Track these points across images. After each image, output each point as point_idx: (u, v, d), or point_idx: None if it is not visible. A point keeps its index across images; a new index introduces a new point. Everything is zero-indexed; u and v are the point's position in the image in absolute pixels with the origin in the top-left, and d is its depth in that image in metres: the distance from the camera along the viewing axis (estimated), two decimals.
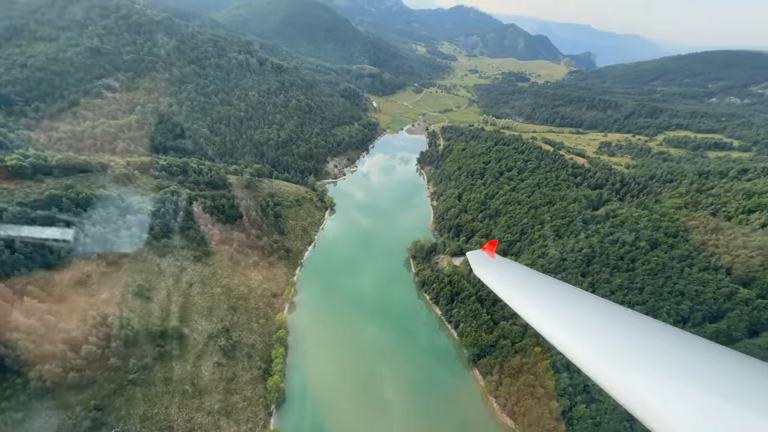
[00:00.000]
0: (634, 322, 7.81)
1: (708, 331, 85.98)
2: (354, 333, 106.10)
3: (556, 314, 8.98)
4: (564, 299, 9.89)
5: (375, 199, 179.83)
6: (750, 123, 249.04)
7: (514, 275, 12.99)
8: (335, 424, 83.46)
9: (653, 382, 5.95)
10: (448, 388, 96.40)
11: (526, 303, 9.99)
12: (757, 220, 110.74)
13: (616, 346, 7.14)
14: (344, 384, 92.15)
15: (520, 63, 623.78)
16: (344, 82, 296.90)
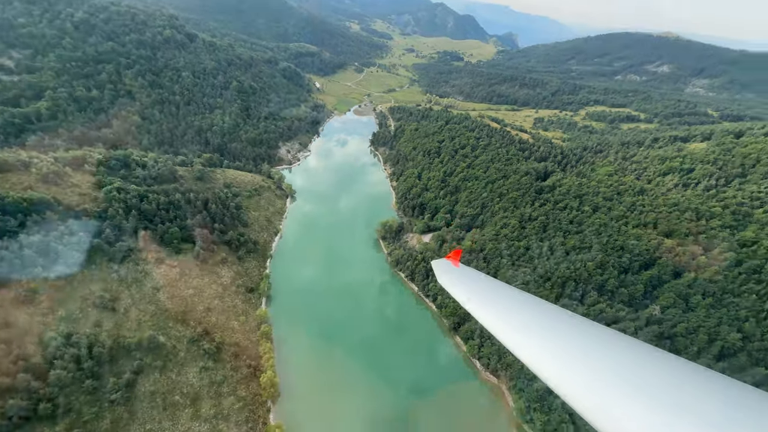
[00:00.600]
0: (594, 332, 7.87)
1: (644, 278, 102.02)
2: (335, 317, 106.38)
3: (518, 325, 9.08)
4: (526, 310, 9.96)
5: (334, 183, 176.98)
6: (650, 98, 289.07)
7: (477, 285, 12.99)
8: (333, 409, 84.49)
9: (611, 391, 6.05)
10: (432, 356, 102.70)
11: (489, 313, 10.13)
12: (671, 182, 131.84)
13: (575, 355, 7.22)
14: (335, 368, 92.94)
15: (452, 42, 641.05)
16: (283, 62, 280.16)
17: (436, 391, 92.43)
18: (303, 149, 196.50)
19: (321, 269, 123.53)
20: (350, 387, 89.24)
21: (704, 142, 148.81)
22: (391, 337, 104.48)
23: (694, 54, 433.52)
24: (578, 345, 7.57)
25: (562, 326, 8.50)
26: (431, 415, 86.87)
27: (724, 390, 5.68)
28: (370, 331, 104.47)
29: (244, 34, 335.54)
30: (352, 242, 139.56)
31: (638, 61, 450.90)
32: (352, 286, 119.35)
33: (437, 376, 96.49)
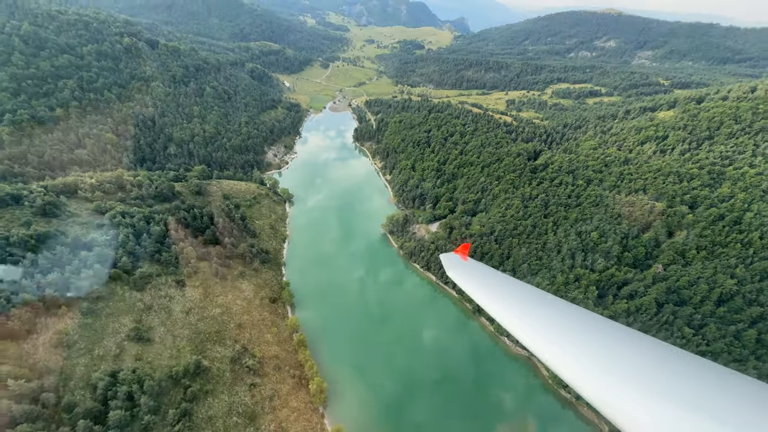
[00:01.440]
0: (600, 326, 8.20)
1: (643, 240, 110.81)
2: (361, 315, 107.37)
3: (526, 317, 9.42)
4: (533, 302, 10.33)
5: (327, 182, 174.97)
6: (606, 72, 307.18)
7: (485, 278, 13.26)
8: (381, 403, 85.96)
9: (617, 382, 6.28)
10: (459, 338, 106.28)
11: (498, 305, 10.43)
12: (650, 149, 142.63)
13: (582, 348, 7.54)
14: (373, 364, 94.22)
15: (408, 30, 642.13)
16: (249, 63, 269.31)
17: (471, 369, 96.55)
18: (289, 151, 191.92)
19: (336, 270, 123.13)
20: (392, 378, 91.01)
21: (671, 110, 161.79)
22: (418, 326, 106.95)
23: (636, 28, 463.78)
24: (586, 337, 7.86)
25: (569, 320, 8.76)
26: (471, 390, 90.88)
27: (737, 385, 5.72)
28: (399, 324, 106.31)
29: (199, 35, 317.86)
30: (359, 240, 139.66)
31: (587, 37, 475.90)
32: (370, 283, 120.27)
33: (469, 355, 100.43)
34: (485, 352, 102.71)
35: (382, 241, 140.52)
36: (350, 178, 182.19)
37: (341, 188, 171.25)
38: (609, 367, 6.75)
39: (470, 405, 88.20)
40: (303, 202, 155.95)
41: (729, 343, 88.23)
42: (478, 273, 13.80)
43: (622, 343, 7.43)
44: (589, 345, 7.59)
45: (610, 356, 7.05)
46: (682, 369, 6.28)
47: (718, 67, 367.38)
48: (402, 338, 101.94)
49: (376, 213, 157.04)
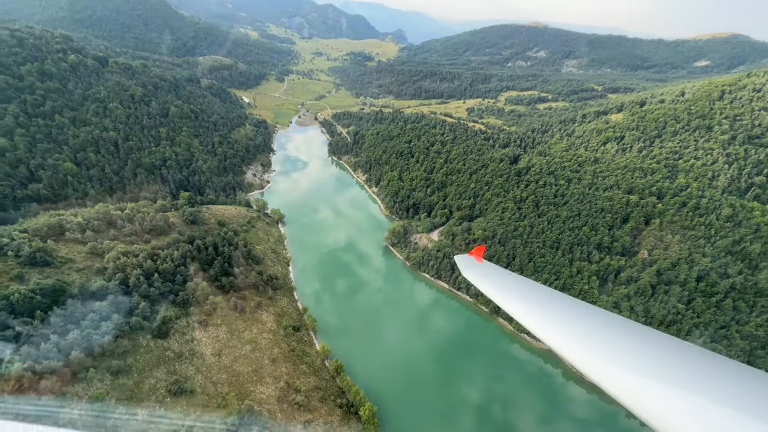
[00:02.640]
0: (615, 323, 8.66)
1: (626, 230, 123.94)
2: (385, 329, 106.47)
3: (544, 315, 9.93)
4: (548, 301, 10.89)
5: (313, 199, 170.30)
6: (547, 80, 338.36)
7: (500, 279, 13.85)
8: (431, 418, 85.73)
9: (639, 378, 6.56)
10: (481, 339, 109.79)
11: (514, 304, 10.98)
12: (612, 149, 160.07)
13: (599, 344, 7.96)
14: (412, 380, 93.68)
15: (352, 43, 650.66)
16: (204, 78, 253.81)
17: (499, 366, 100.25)
18: (267, 170, 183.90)
19: (347, 288, 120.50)
20: (433, 390, 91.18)
21: (620, 113, 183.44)
22: (442, 333, 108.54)
23: (561, 40, 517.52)
24: (602, 333, 8.39)
25: (585, 317, 9.33)
26: (505, 386, 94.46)
27: (750, 379, 6.04)
28: (423, 334, 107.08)
29: (140, 50, 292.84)
30: (362, 255, 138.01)
31: (521, 48, 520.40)
32: (384, 298, 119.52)
33: (492, 354, 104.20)
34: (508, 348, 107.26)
35: (385, 253, 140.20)
36: (335, 192, 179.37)
37: (329, 204, 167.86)
38: (615, 356, 7.30)
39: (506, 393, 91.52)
40: (295, 221, 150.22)
41: (713, 313, 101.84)
42: (492, 274, 14.28)
43: (627, 335, 8.03)
44: (597, 337, 8.19)
45: (617, 346, 7.66)
46: (692, 360, 6.70)
47: (632, 73, 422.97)
48: (430, 347, 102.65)
49: (371, 226, 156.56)
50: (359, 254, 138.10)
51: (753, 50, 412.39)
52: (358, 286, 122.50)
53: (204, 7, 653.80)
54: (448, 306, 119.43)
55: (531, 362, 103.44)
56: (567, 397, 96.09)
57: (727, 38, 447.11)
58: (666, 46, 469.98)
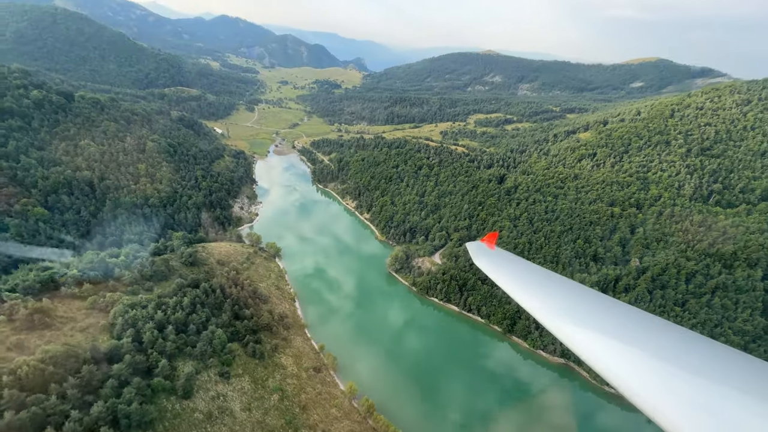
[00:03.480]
0: (622, 310, 8.72)
1: (615, 241, 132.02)
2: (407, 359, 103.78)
3: (553, 303, 9.65)
4: (559, 289, 10.61)
5: (305, 229, 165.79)
6: (509, 103, 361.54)
7: (512, 267, 13.56)
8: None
9: (640, 366, 6.53)
10: (496, 360, 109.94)
11: (525, 292, 10.62)
12: (588, 165, 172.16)
13: (606, 331, 7.87)
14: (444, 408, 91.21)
15: (316, 71, 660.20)
16: (174, 110, 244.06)
17: (519, 386, 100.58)
18: (253, 202, 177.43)
19: (358, 320, 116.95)
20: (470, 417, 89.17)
21: (587, 132, 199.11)
22: (461, 359, 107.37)
23: (513, 66, 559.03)
24: (612, 322, 8.17)
25: (593, 306, 9.16)
26: (525, 405, 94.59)
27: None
28: (445, 361, 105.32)
29: (97, 83, 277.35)
30: (366, 283, 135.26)
31: (478, 74, 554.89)
32: (397, 327, 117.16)
33: (511, 374, 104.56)
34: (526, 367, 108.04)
35: (389, 280, 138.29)
36: (326, 221, 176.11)
37: (322, 233, 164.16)
38: (638, 352, 7.07)
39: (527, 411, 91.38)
40: (291, 254, 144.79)
41: (706, 312, 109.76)
42: (505, 261, 14.01)
43: (641, 326, 7.96)
44: (611, 326, 8.01)
45: (640, 341, 7.46)
46: (704, 352, 6.70)
47: (579, 95, 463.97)
48: (452, 371, 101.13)
49: (368, 253, 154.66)
50: (364, 283, 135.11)
51: (677, 72, 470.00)
52: (368, 316, 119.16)
53: (159, 39, 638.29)
54: (462, 330, 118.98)
55: (548, 376, 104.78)
56: (588, 408, 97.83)
57: (654, 62, 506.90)
58: (605, 70, 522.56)
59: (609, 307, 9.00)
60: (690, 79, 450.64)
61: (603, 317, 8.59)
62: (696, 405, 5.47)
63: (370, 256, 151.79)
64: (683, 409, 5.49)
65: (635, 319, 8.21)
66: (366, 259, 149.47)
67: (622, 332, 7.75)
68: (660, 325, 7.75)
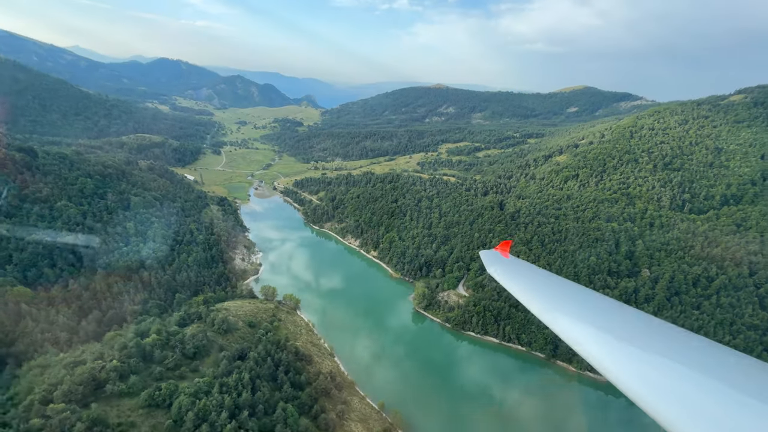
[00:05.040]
0: (638, 319, 8.55)
1: (622, 254, 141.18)
2: (464, 399, 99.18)
3: (567, 310, 9.55)
4: (574, 297, 10.67)
5: (314, 275, 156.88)
6: (472, 132, 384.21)
7: (526, 275, 13.39)
8: None
9: (658, 374, 6.32)
10: (546, 389, 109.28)
11: (538, 301, 10.63)
12: (574, 186, 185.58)
13: (621, 340, 7.62)
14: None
15: (272, 110, 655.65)
16: (141, 160, 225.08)
17: (575, 411, 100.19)
18: (252, 251, 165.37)
19: (404, 370, 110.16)
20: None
21: (563, 155, 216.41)
22: (511, 393, 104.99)
23: (463, 97, 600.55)
24: (627, 329, 8.14)
25: (608, 314, 9.07)
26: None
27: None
28: (505, 396, 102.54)
29: (37, 134, 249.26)
30: (395, 326, 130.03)
31: (433, 106, 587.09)
32: (444, 368, 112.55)
33: (562, 403, 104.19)
34: (574, 391, 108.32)
35: (416, 318, 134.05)
36: (333, 263, 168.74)
37: (334, 277, 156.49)
38: (651, 360, 6.89)
39: None
40: (309, 304, 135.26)
41: (720, 312, 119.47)
42: (519, 270, 14.04)
43: (659, 334, 7.81)
44: (627, 333, 7.87)
45: (657, 350, 7.19)
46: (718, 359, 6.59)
47: (526, 121, 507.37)
48: (524, 411, 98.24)
49: (388, 293, 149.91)
50: (394, 326, 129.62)
51: (604, 98, 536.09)
52: (411, 362, 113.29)
53: (96, 84, 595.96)
54: (504, 362, 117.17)
55: (596, 396, 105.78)
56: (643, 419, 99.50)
57: (583, 90, 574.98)
58: (544, 98, 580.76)
59: (623, 313, 8.93)
60: (615, 103, 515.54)
61: (618, 324, 8.49)
62: (719, 417, 5.30)
63: (390, 296, 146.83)
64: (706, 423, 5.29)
65: (652, 326, 8.09)
66: (387, 300, 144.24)
67: (638, 338, 7.62)
68: (675, 332, 7.62)
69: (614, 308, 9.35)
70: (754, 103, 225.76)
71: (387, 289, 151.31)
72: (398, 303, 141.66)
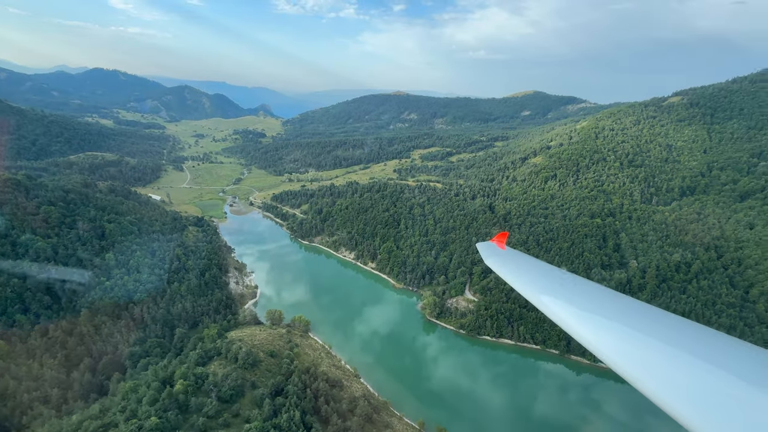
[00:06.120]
0: (633, 307, 8.82)
1: (609, 248, 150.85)
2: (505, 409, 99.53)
3: (564, 301, 9.74)
4: (570, 287, 10.69)
5: (315, 292, 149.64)
6: (440, 137, 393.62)
7: (523, 266, 13.63)
8: None
9: (653, 360, 6.55)
10: (562, 384, 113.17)
11: (536, 291, 10.79)
12: (555, 185, 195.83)
13: (617, 328, 7.91)
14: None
15: (229, 121, 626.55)
16: (100, 181, 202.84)
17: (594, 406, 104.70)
18: (244, 273, 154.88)
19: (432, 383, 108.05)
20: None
21: (537, 156, 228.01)
22: (531, 397, 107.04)
23: (424, 103, 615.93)
24: (622, 317, 8.36)
25: (605, 303, 9.43)
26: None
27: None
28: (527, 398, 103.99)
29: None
30: (409, 337, 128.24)
31: (396, 113, 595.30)
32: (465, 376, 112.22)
33: (582, 395, 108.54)
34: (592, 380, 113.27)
35: (428, 328, 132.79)
36: (331, 278, 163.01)
37: (335, 292, 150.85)
38: (645, 346, 7.18)
39: None
40: (318, 324, 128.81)
41: (703, 294, 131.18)
42: (516, 261, 14.27)
43: (657, 323, 8.01)
44: (622, 323, 8.12)
45: (648, 335, 7.48)
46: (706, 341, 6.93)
47: (486, 125, 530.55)
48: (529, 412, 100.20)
49: (394, 304, 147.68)
50: (409, 338, 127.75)
51: (553, 101, 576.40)
52: (435, 373, 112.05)
53: (22, 98, 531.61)
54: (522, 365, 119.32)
55: (609, 385, 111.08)
56: None
57: (534, 94, 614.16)
58: (499, 103, 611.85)
59: (618, 301, 9.33)
60: (563, 106, 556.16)
61: (615, 312, 8.76)
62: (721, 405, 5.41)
63: (398, 307, 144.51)
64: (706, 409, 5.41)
65: (645, 313, 8.40)
66: (396, 312, 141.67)
67: (634, 325, 7.90)
68: (670, 319, 7.85)
69: (605, 294, 9.72)
70: (690, 103, 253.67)
71: (393, 300, 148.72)
72: (408, 314, 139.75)
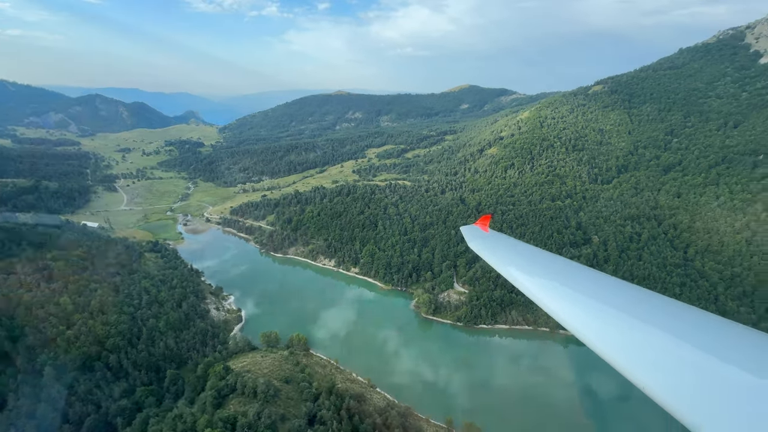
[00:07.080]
0: (614, 285, 8.94)
1: (573, 227, 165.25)
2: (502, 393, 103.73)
3: (548, 282, 9.88)
4: (554, 268, 10.96)
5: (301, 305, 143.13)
6: (392, 135, 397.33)
7: (507, 248, 13.79)
8: None
9: (633, 339, 6.63)
10: (559, 358, 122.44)
11: (520, 273, 10.89)
12: (515, 174, 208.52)
13: (598, 306, 8.03)
14: None
15: (158, 132, 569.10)
16: (22, 213, 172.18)
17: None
18: (221, 297, 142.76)
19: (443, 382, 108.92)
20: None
21: (492, 148, 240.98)
22: (539, 372, 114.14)
23: (367, 102, 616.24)
24: (601, 296, 8.48)
25: (586, 282, 9.57)
26: None
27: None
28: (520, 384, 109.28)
29: None
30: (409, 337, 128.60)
31: (340, 113, 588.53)
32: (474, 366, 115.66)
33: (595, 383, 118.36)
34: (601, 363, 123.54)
35: (424, 325, 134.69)
36: (316, 289, 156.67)
37: (325, 304, 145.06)
38: (624, 324, 7.32)
39: None
40: (317, 341, 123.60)
41: (655, 258, 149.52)
42: (498, 243, 14.49)
43: (639, 301, 8.20)
44: (603, 302, 8.27)
45: (630, 313, 7.59)
46: (687, 318, 7.09)
47: (430, 119, 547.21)
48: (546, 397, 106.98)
49: (385, 307, 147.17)
50: (409, 338, 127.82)
51: (487, 94, 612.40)
52: (445, 368, 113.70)
53: None
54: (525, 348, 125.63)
55: None
56: None
57: (469, 88, 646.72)
58: (438, 98, 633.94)
59: (598, 278, 9.44)
60: (497, 98, 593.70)
61: (595, 289, 8.91)
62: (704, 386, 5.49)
63: (390, 309, 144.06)
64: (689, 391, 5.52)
65: (623, 289, 8.68)
66: (390, 314, 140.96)
67: (614, 302, 8.09)
68: (645, 294, 8.04)
69: (586, 274, 9.90)
70: (611, 91, 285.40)
71: (384, 303, 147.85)
72: (402, 314, 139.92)
